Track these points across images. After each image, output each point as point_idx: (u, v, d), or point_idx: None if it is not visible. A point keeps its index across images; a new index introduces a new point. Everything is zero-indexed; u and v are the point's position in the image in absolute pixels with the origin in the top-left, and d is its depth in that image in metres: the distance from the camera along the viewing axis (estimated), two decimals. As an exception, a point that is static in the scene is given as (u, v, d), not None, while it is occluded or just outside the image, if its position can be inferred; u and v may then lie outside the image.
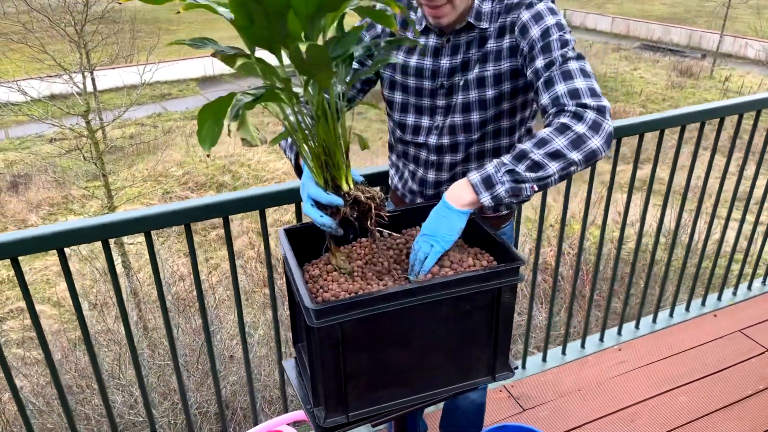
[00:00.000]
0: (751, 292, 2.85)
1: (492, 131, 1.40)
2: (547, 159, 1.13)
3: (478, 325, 1.13)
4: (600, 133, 1.15)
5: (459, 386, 1.18)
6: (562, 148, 1.13)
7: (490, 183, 1.13)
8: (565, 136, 1.14)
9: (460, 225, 1.15)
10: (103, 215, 1.57)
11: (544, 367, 2.43)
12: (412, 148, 1.48)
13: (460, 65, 1.35)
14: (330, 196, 1.09)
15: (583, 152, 1.14)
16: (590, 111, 1.16)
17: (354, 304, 1.01)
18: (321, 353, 1.02)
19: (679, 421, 2.17)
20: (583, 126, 1.14)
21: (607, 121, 1.17)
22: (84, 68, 8.64)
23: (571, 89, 1.19)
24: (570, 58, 1.22)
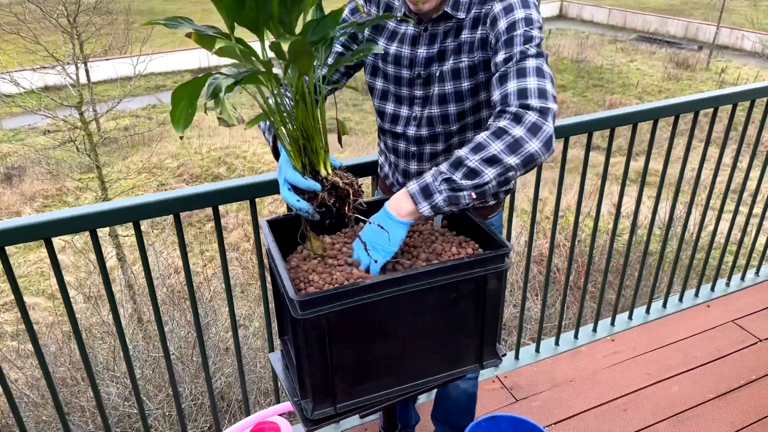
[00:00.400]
0: (744, 282, 2.85)
1: (472, 122, 1.39)
2: (483, 165, 1.10)
3: (464, 313, 1.12)
4: (539, 136, 1.12)
5: (447, 375, 1.17)
6: (499, 153, 1.11)
7: (428, 192, 1.12)
8: (501, 140, 1.11)
9: (401, 236, 1.12)
10: (91, 204, 1.55)
11: (537, 357, 2.43)
12: (390, 139, 1.47)
13: (437, 55, 1.34)
14: (308, 181, 1.08)
15: (520, 156, 1.11)
16: (531, 113, 1.13)
17: (339, 295, 0.99)
18: (307, 345, 1.01)
19: (671, 410, 2.17)
20: (521, 129, 1.12)
21: (548, 123, 1.13)
22: (77, 59, 8.57)
23: (520, 88, 1.16)
24: (529, 56, 1.20)
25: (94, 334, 5.54)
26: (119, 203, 1.52)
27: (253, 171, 11.26)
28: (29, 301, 8.56)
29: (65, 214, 1.46)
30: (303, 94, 1.01)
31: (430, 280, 1.05)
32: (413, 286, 1.04)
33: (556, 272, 6.00)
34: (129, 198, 1.58)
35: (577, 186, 2.19)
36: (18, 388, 4.89)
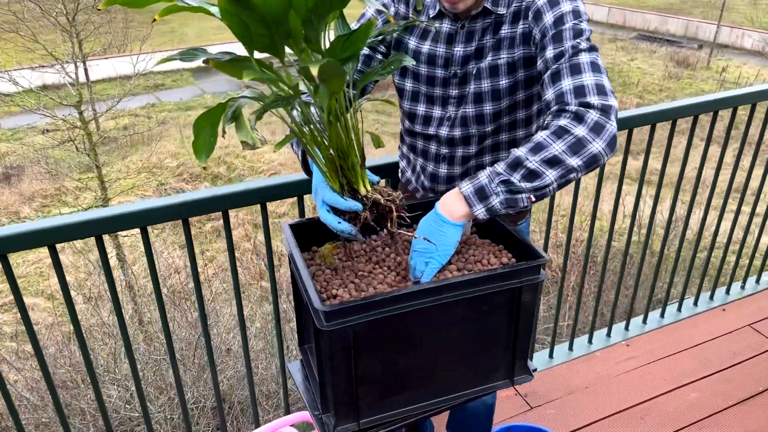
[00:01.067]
0: (759, 285, 2.80)
1: (507, 123, 1.32)
2: (543, 166, 1.05)
3: (496, 326, 1.07)
4: (602, 135, 1.06)
5: (475, 390, 1.12)
6: (560, 154, 1.05)
7: (483, 194, 1.06)
8: (563, 140, 1.06)
9: (456, 238, 1.08)
10: (97, 209, 1.50)
11: (551, 363, 2.37)
12: (420, 141, 1.40)
13: (474, 52, 1.27)
14: (348, 202, 1.02)
15: (583, 157, 1.06)
16: (593, 111, 1.07)
17: (367, 305, 0.94)
18: (331, 357, 0.95)
19: (690, 418, 2.12)
20: (584, 128, 1.06)
21: (611, 122, 1.08)
22: (76, 58, 8.50)
23: (577, 85, 1.10)
24: (581, 50, 1.13)
25: (95, 335, 5.47)
26: (127, 208, 1.46)
27: (253, 170, 11.19)
28: (28, 302, 8.50)
29: (70, 220, 1.41)
30: (336, 114, 0.95)
31: (463, 291, 0.99)
32: (445, 297, 0.98)
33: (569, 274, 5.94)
34: (137, 202, 1.53)
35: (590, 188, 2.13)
36: (17, 390, 4.82)
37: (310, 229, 1.15)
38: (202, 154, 0.89)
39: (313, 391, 1.12)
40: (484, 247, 1.15)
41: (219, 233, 9.70)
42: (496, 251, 1.12)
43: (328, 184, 1.05)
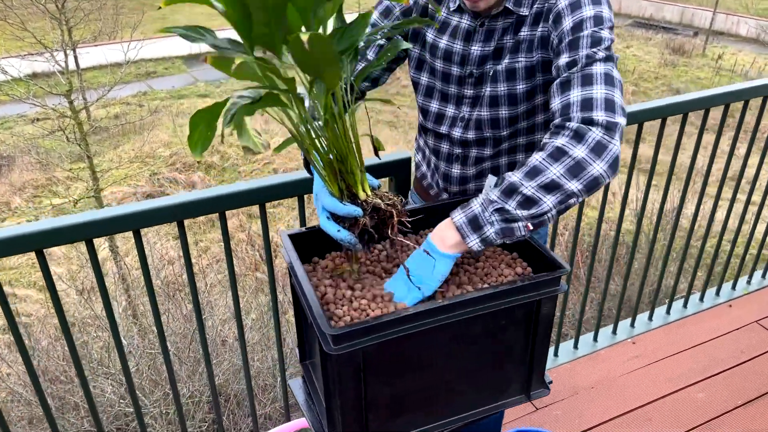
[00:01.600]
0: (765, 280, 2.75)
1: (525, 127, 1.25)
2: (540, 192, 0.97)
3: (512, 340, 1.01)
4: (604, 156, 0.98)
5: (490, 408, 1.06)
6: (558, 178, 0.97)
7: (477, 224, 0.99)
8: (561, 162, 0.97)
9: (445, 271, 1.00)
10: (89, 212, 1.42)
11: (556, 362, 2.32)
12: (431, 139, 1.33)
13: (493, 53, 1.19)
14: (347, 207, 0.96)
15: (583, 181, 0.97)
16: (595, 129, 0.99)
17: (378, 326, 0.87)
18: (340, 381, 0.89)
19: (698, 419, 2.07)
20: (583, 149, 0.98)
21: (614, 141, 0.99)
22: (65, 45, 8.33)
23: (585, 97, 1.02)
24: (596, 60, 1.05)
25: (88, 329, 5.40)
26: (119, 210, 1.39)
27: (247, 160, 11.07)
28: (20, 293, 8.40)
29: (60, 224, 1.33)
30: (332, 113, 0.88)
31: (480, 306, 0.93)
32: (462, 314, 0.92)
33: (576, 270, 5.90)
34: (131, 204, 1.45)
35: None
36: (9, 385, 4.76)
37: (311, 239, 1.08)
38: (198, 149, 0.83)
39: (318, 412, 1.06)
40: (496, 257, 1.08)
41: (213, 223, 9.60)
42: (509, 260, 1.06)
43: (328, 189, 0.98)
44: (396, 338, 0.89)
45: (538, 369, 1.05)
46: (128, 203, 1.48)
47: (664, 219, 6.17)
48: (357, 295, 0.99)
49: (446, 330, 0.93)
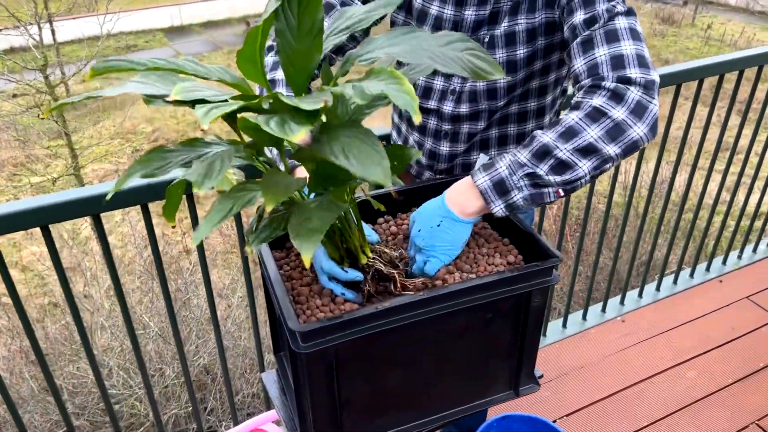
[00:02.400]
0: (756, 255, 2.70)
1: (519, 95, 1.15)
2: (576, 156, 0.89)
3: (500, 334, 0.93)
4: (644, 118, 0.91)
5: (475, 404, 0.99)
6: (596, 141, 0.89)
7: (503, 189, 0.91)
8: (599, 124, 0.90)
9: (465, 237, 0.93)
10: (43, 195, 1.32)
11: (544, 342, 2.27)
12: None
13: (488, 17, 1.08)
14: (348, 273, 0.88)
15: (622, 144, 0.90)
16: (634, 88, 0.91)
17: (351, 322, 0.79)
18: (310, 381, 0.81)
19: (688, 398, 2.04)
20: (624, 110, 0.90)
21: (654, 101, 0.92)
22: (39, 18, 8.06)
23: (614, 55, 0.93)
24: (618, 14, 0.96)
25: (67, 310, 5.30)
26: (76, 194, 1.29)
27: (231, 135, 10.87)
28: (2, 274, 8.24)
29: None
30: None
31: (463, 299, 0.85)
32: (443, 308, 0.84)
33: (566, 244, 5.85)
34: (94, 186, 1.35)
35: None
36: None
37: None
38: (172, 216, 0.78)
39: (291, 407, 0.98)
40: (488, 242, 1.00)
41: (197, 201, 9.47)
42: (501, 248, 0.97)
43: (327, 253, 0.90)
44: (372, 334, 0.81)
45: (528, 363, 0.98)
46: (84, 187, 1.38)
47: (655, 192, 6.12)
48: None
49: (427, 324, 0.85)
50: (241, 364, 4.73)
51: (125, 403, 4.54)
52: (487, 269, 0.92)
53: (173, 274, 5.74)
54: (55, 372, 4.61)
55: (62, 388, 4.53)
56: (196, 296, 5.20)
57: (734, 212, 2.68)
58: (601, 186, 7.44)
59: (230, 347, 4.76)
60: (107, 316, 5.03)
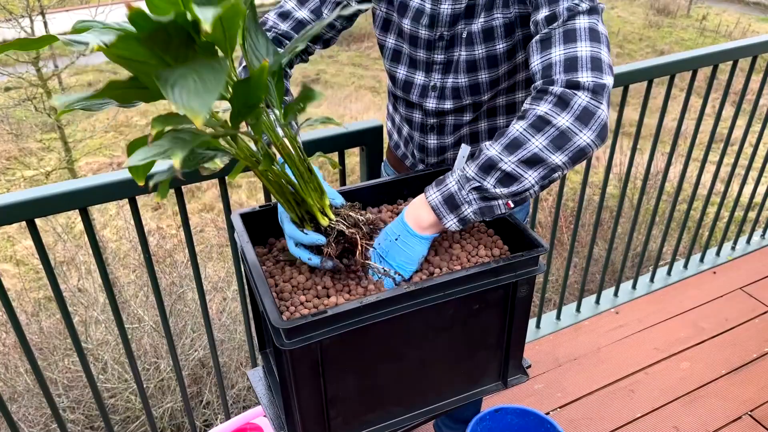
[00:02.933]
0: (750, 246, 2.70)
1: (506, 88, 1.13)
2: (521, 168, 0.88)
3: (487, 325, 0.92)
4: (591, 124, 0.88)
5: (463, 397, 0.98)
6: (541, 151, 0.87)
7: (453, 204, 0.90)
8: (543, 133, 0.87)
9: (422, 253, 0.91)
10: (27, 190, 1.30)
11: (538, 334, 2.26)
12: (403, 108, 1.21)
13: (464, 11, 1.06)
14: (309, 236, 0.86)
15: (568, 153, 0.88)
16: (581, 93, 0.88)
17: (336, 317, 0.78)
18: (295, 378, 0.80)
19: (682, 389, 2.03)
20: (568, 117, 0.87)
21: (602, 106, 0.89)
22: (31, 11, 7.98)
23: (568, 57, 0.91)
24: (579, 13, 0.93)
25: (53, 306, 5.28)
26: (64, 187, 1.27)
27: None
28: (-4, 268, 8.21)
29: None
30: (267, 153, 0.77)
31: (449, 291, 0.84)
32: (429, 300, 0.83)
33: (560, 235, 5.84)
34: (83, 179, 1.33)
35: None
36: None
37: (267, 218, 0.97)
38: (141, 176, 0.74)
39: (278, 405, 0.97)
40: (474, 236, 0.99)
41: (193, 194, 9.43)
42: (487, 240, 0.96)
43: (288, 215, 0.88)
44: (358, 329, 0.80)
45: (516, 354, 0.97)
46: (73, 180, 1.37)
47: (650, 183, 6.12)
48: (316, 281, 0.89)
49: (413, 317, 0.84)
50: (236, 357, 4.72)
51: (120, 397, 4.53)
52: (471, 261, 0.91)
53: (168, 267, 5.72)
54: (50, 366, 4.60)
55: (57, 382, 4.52)
56: (191, 290, 5.18)
57: (728, 203, 2.67)
58: (595, 177, 7.44)
59: (225, 340, 4.75)
60: (102, 310, 5.01)
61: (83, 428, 4.41)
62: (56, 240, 7.45)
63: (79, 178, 1.35)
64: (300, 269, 0.91)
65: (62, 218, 7.42)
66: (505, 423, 1.71)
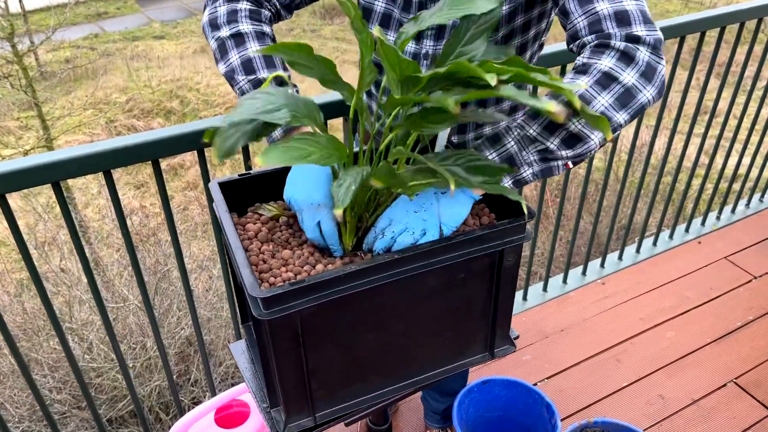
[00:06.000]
0: (734, 215, 2.71)
1: None
2: (588, 128, 0.83)
3: (473, 295, 0.90)
4: (654, 81, 0.84)
5: (449, 368, 0.96)
6: (607, 109, 0.83)
7: (512, 165, 0.86)
8: (610, 91, 0.83)
9: (466, 213, 0.86)
10: None
11: (525, 306, 2.26)
12: None
13: None
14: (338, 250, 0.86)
15: (631, 110, 0.84)
16: (643, 48, 0.83)
17: (316, 286, 0.75)
18: (275, 350, 0.77)
19: (667, 358, 2.05)
20: (634, 73, 0.83)
21: (662, 61, 0.85)
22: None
23: (617, 10, 0.85)
24: None
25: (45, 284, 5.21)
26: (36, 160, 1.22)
27: (208, 104, 10.65)
28: (-24, 250, 8.08)
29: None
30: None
31: (433, 260, 0.81)
32: (412, 270, 0.80)
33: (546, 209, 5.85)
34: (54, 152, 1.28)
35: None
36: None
37: (246, 187, 0.94)
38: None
39: (260, 378, 0.95)
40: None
41: (176, 172, 9.31)
42: (476, 208, 0.93)
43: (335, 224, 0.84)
44: (339, 298, 0.77)
45: (503, 324, 0.94)
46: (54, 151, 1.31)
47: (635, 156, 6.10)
48: (293, 245, 0.85)
49: (398, 287, 0.81)
50: (224, 334, 4.71)
51: (107, 376, 4.50)
52: (459, 229, 0.88)
53: (152, 246, 5.66)
54: (35, 347, 4.56)
55: (42, 363, 4.48)
56: (176, 268, 5.13)
57: (713, 174, 2.67)
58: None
59: (212, 318, 4.72)
60: (86, 290, 4.96)
61: (70, 408, 4.38)
62: (37, 220, 7.34)
63: (49, 152, 1.30)
64: (280, 235, 0.88)
65: (43, 198, 7.30)
66: (493, 395, 1.70)
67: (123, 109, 10.10)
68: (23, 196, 7.69)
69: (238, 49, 1.00)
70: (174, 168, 9.37)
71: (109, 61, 11.62)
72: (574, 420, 1.84)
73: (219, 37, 1.02)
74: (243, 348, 1.03)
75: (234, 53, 1.00)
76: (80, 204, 7.67)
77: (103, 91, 10.38)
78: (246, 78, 0.99)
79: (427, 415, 1.81)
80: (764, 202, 2.78)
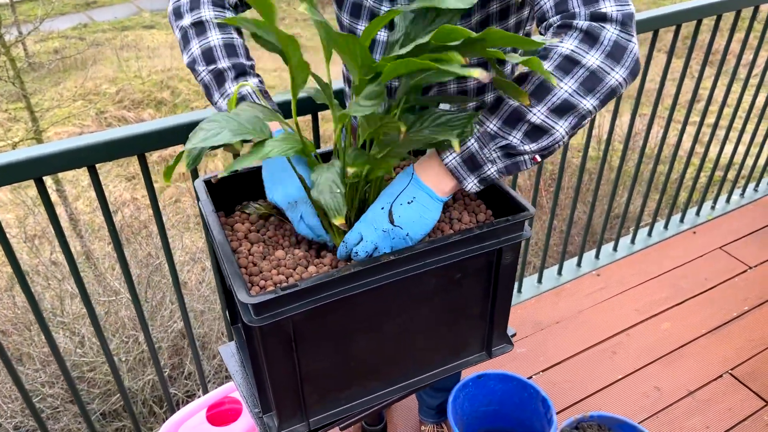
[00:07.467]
0: (729, 205, 2.70)
1: None
2: (551, 118, 0.77)
3: (470, 294, 0.88)
4: (623, 60, 0.77)
5: (446, 369, 0.94)
6: (571, 96, 0.77)
7: (475, 163, 0.81)
8: (572, 75, 0.77)
9: (436, 218, 0.83)
10: None
11: (520, 298, 2.24)
12: None
13: None
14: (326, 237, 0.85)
15: (599, 95, 0.78)
16: (610, 26, 0.77)
17: (308, 290, 0.72)
18: (266, 355, 0.75)
19: (663, 350, 2.04)
20: (599, 54, 0.77)
21: (633, 39, 0.78)
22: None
23: None
24: None
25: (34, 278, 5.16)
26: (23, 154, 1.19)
27: (199, 95, 10.55)
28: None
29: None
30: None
31: (429, 261, 0.78)
32: (407, 270, 0.78)
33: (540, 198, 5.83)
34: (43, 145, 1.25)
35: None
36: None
37: (233, 185, 0.91)
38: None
39: (251, 383, 0.92)
40: (457, 200, 0.93)
41: (167, 163, 9.23)
42: (472, 205, 0.90)
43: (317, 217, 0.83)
44: (332, 302, 0.74)
45: (500, 323, 0.92)
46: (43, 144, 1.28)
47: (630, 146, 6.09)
48: (287, 245, 0.83)
49: (393, 289, 0.79)
50: (217, 327, 4.68)
51: (99, 370, 4.47)
52: (454, 228, 0.86)
53: (144, 239, 5.61)
54: (26, 341, 4.52)
55: (34, 357, 4.44)
56: (169, 260, 5.09)
57: (708, 164, 2.65)
58: (575, 140, 7.41)
59: (206, 311, 4.70)
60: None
61: (63, 402, 4.36)
62: (27, 213, 7.27)
63: (32, 146, 1.26)
64: (271, 236, 0.85)
65: (33, 190, 7.22)
66: (488, 389, 1.69)
67: (113, 100, 9.99)
68: (12, 189, 7.60)
69: (199, 39, 0.97)
70: (165, 159, 9.28)
71: (99, 51, 11.48)
72: (569, 413, 1.83)
73: (182, 26, 0.99)
74: (233, 351, 1.00)
75: (195, 42, 0.97)
76: (71, 196, 7.60)
77: (93, 82, 10.27)
78: (207, 68, 0.95)
79: (422, 410, 1.79)
80: (759, 191, 2.76)
